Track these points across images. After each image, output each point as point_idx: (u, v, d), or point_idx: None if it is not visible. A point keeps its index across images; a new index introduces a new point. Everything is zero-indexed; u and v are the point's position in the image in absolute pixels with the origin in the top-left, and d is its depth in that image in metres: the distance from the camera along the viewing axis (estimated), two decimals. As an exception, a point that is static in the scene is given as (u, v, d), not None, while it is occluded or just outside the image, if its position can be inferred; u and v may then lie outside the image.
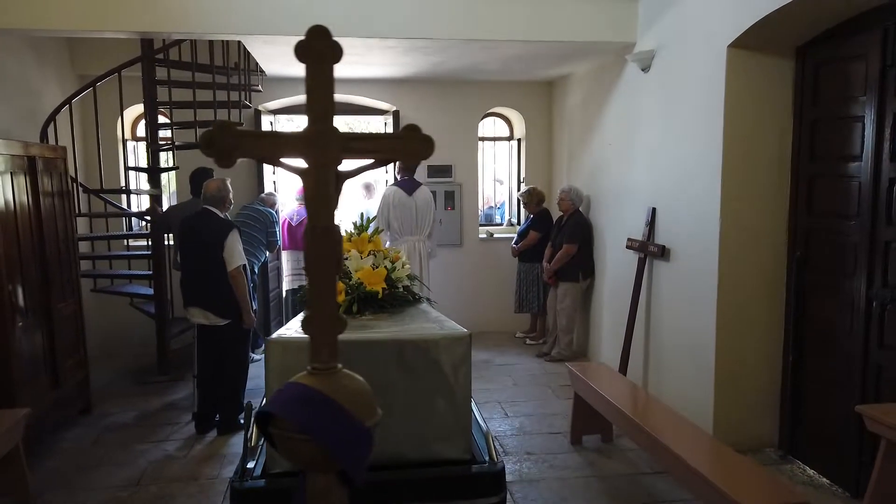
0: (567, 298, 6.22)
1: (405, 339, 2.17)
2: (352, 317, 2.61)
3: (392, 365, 2.16)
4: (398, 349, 2.16)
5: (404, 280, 2.96)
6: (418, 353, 2.17)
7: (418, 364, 2.17)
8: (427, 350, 2.17)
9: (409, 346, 2.16)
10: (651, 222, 4.95)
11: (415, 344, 2.17)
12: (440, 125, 7.07)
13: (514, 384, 5.63)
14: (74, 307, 4.77)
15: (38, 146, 4.34)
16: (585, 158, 6.42)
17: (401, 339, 2.18)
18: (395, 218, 6.21)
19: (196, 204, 5.16)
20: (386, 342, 2.17)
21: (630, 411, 3.76)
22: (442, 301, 7.14)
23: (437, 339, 2.19)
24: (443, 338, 2.19)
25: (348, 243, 3.09)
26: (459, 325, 2.35)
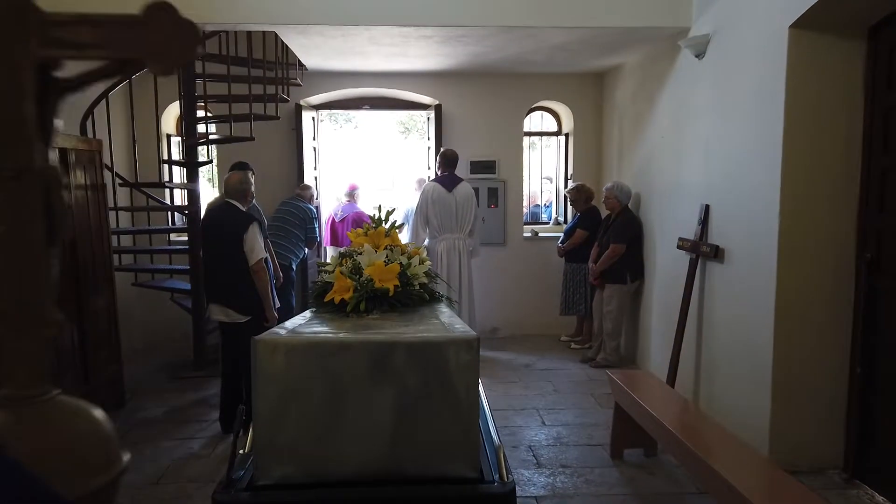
0: (613, 301, 5.88)
1: (400, 342, 1.96)
2: (358, 315, 2.41)
3: (383, 370, 1.94)
4: (389, 352, 1.94)
5: (421, 277, 2.75)
6: (415, 357, 1.95)
7: (415, 370, 1.95)
8: (425, 354, 1.95)
9: (404, 350, 1.94)
10: (704, 220, 4.58)
11: (410, 347, 1.95)
12: (484, 119, 6.86)
13: (554, 390, 5.34)
14: (108, 301, 4.75)
15: (70, 138, 4.32)
16: (636, 153, 6.07)
17: (394, 341, 1.96)
18: (435, 215, 6.01)
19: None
20: (376, 344, 1.95)
21: (674, 427, 3.44)
22: (484, 302, 6.94)
23: (437, 341, 1.96)
24: (445, 341, 1.97)
25: (363, 237, 2.90)
26: (470, 328, 2.11)
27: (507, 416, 4.76)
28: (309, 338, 1.97)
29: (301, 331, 2.08)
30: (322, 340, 1.97)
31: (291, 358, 1.94)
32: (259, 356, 1.94)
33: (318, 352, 1.95)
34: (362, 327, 2.19)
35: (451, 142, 6.82)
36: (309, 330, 2.12)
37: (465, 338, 1.98)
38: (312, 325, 2.23)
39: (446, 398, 1.98)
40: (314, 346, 1.95)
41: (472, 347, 1.97)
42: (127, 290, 6.07)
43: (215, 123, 5.63)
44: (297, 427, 1.96)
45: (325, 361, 1.95)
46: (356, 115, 23.36)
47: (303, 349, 1.94)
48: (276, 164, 6.68)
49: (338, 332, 2.10)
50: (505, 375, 5.72)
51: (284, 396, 1.95)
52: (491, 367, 5.99)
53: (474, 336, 1.99)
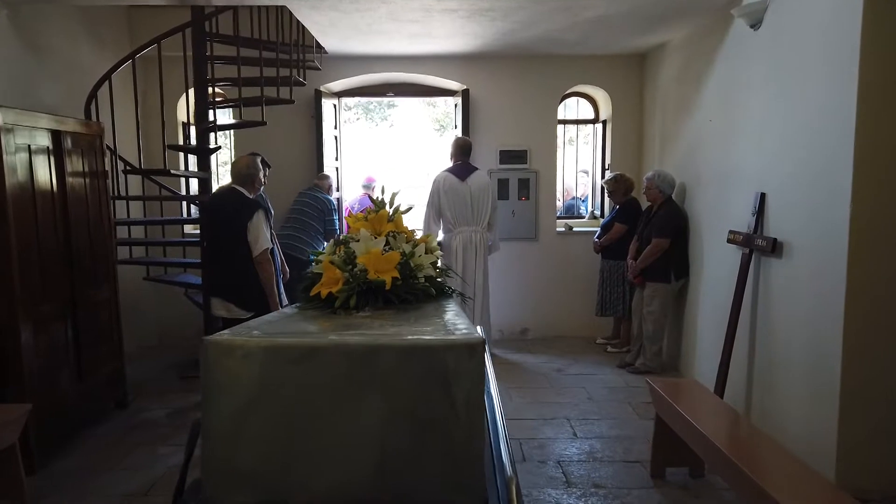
0: (655, 301, 5.38)
1: (384, 345, 1.55)
2: (346, 313, 2.01)
3: (363, 379, 1.54)
4: (371, 357, 1.54)
5: (427, 269, 2.34)
6: (402, 363, 1.54)
7: (402, 379, 1.54)
8: (415, 360, 1.54)
9: (389, 354, 1.54)
10: (759, 211, 4.07)
11: (397, 351, 1.54)
12: (515, 106, 6.43)
13: (588, 398, 4.87)
14: (109, 295, 4.46)
15: (66, 120, 4.03)
16: (680, 140, 5.55)
17: (377, 343, 1.55)
18: (448, 207, 5.61)
19: None
20: (354, 347, 1.55)
21: (724, 444, 2.97)
22: (513, 301, 6.49)
23: (430, 345, 1.55)
24: (440, 344, 1.55)
25: (362, 222, 2.51)
26: (475, 330, 1.69)
27: (536, 426, 4.32)
28: (271, 340, 1.58)
29: (267, 330, 1.69)
30: (287, 343, 1.58)
31: (249, 363, 1.55)
32: (209, 361, 1.56)
33: (283, 356, 1.56)
34: (345, 327, 1.79)
35: (480, 130, 6.39)
36: (277, 330, 1.73)
37: (465, 341, 1.57)
38: (284, 323, 1.84)
39: (443, 415, 1.57)
40: (277, 350, 1.56)
41: (474, 353, 1.56)
42: (141, 284, 5.81)
43: (231, 108, 5.31)
44: (257, 447, 1.57)
45: (292, 368, 1.56)
46: (392, 112, 23.22)
47: (263, 353, 1.55)
48: (296, 153, 6.34)
49: (311, 333, 1.71)
50: (534, 381, 5.28)
51: (241, 410, 1.56)
52: (519, 371, 5.55)
53: (478, 339, 1.57)
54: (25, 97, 4.35)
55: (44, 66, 4.76)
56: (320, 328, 1.79)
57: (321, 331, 1.75)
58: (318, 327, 1.80)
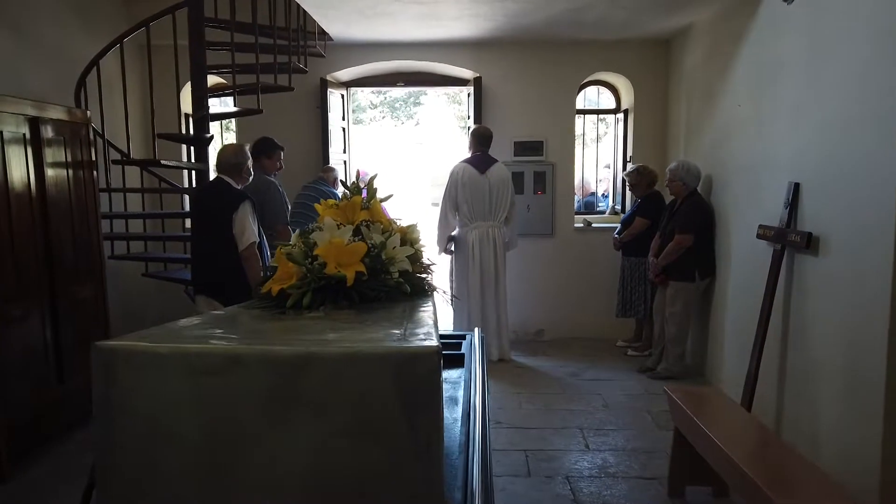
0: (678, 302, 5.00)
1: (317, 355, 1.24)
2: (296, 313, 1.72)
3: (292, 396, 1.24)
4: (301, 370, 1.24)
5: (401, 262, 2.04)
6: (339, 377, 1.24)
7: (340, 397, 1.24)
8: (355, 373, 1.24)
9: (322, 366, 1.24)
10: (792, 203, 3.69)
11: (332, 362, 1.24)
12: (530, 95, 6.09)
13: (604, 405, 4.52)
14: (95, 292, 4.24)
15: (45, 106, 3.82)
16: (706, 129, 5.16)
17: (309, 353, 1.24)
18: (465, 200, 5.31)
19: (260, 178, 4.55)
20: (282, 357, 1.25)
21: (750, 465, 2.62)
22: (528, 300, 6.15)
23: (372, 355, 1.24)
24: (385, 354, 1.25)
25: (331, 209, 2.21)
26: (433, 337, 1.37)
27: (545, 435, 3.99)
28: (176, 347, 1.28)
29: (180, 335, 1.41)
30: (198, 351, 1.28)
31: (148, 377, 1.26)
32: (99, 373, 1.27)
33: (191, 368, 1.26)
34: (282, 331, 1.50)
35: (493, 120, 6.07)
36: (193, 334, 1.44)
37: (416, 350, 1.26)
38: (210, 325, 1.55)
39: (391, 440, 1.26)
40: (183, 360, 1.27)
41: (428, 364, 1.25)
42: (140, 281, 5.62)
43: (231, 97, 5.06)
44: (161, 481, 1.28)
45: (203, 383, 1.26)
46: (417, 111, 22.97)
47: (164, 364, 1.26)
48: (302, 145, 6.08)
49: (232, 339, 1.41)
50: (547, 385, 4.94)
51: (141, 436, 1.27)
52: (531, 375, 5.21)
53: (433, 348, 1.26)
54: (9, 84, 4.16)
55: (31, 53, 4.57)
56: (250, 332, 1.50)
57: (248, 335, 1.46)
58: (247, 331, 1.51)
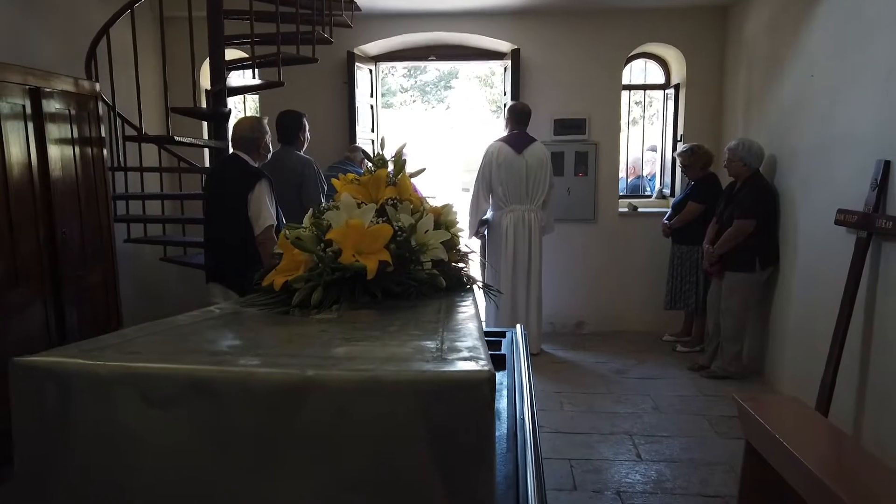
0: (736, 294, 4.54)
1: (318, 382, 0.87)
2: (301, 314, 1.34)
3: (286, 440, 0.88)
4: (296, 403, 0.87)
5: (435, 250, 1.66)
6: (351, 415, 0.87)
7: (353, 442, 0.87)
8: (372, 411, 0.87)
9: (326, 399, 0.87)
10: (881, 184, 3.21)
11: (339, 394, 0.87)
12: (572, 69, 5.64)
13: (654, 408, 4.11)
14: (105, 277, 3.96)
15: (48, 76, 3.51)
16: (771, 103, 4.66)
17: (307, 379, 0.87)
18: (500, 181, 4.91)
19: (288, 154, 4.22)
20: (269, 385, 0.88)
21: (841, 486, 2.19)
22: (567, 290, 5.73)
23: (397, 384, 0.87)
24: (416, 383, 0.87)
25: (351, 185, 1.84)
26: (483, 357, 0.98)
27: (590, 443, 3.60)
28: (120, 367, 0.92)
29: (141, 345, 1.05)
30: (150, 372, 0.92)
31: (83, 407, 0.91)
32: (17, 400, 0.92)
33: (142, 396, 0.90)
34: (280, 342, 1.12)
35: (532, 96, 5.63)
36: (159, 348, 1.07)
37: (459, 377, 0.88)
38: (185, 332, 1.18)
39: (421, 491, 0.89)
40: (131, 384, 0.91)
41: (476, 397, 0.87)
42: (159, 266, 5.35)
43: (251, 69, 4.72)
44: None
45: (157, 417, 0.90)
46: (448, 94, 22.49)
47: (104, 389, 0.90)
48: (328, 123, 5.72)
49: (212, 353, 1.04)
50: (590, 384, 4.53)
51: (73, 491, 0.92)
52: (572, 372, 4.81)
53: (483, 374, 0.88)
54: (16, 55, 3.86)
55: (41, 22, 4.27)
56: (234, 343, 1.13)
57: (232, 348, 1.09)
58: (232, 341, 1.15)
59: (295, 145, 4.31)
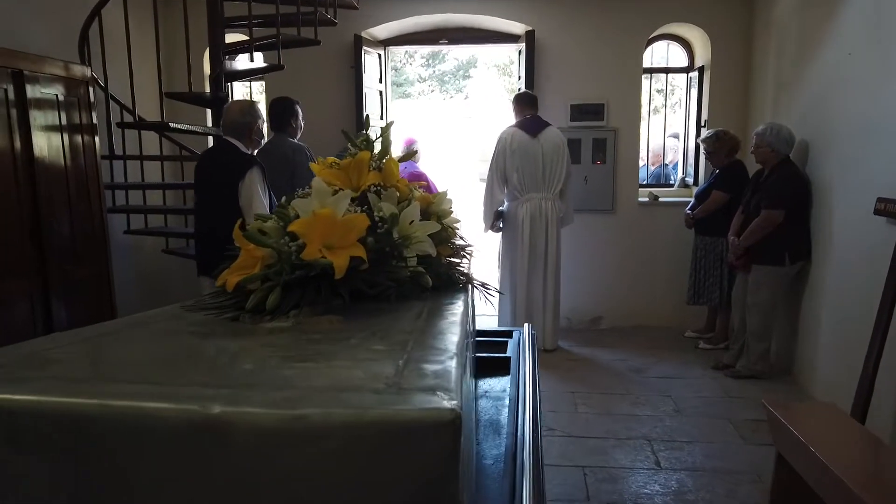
0: (763, 289, 4.27)
1: (206, 421, 0.66)
2: (252, 321, 1.13)
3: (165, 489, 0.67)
4: (208, 446, 0.66)
5: (420, 244, 1.44)
6: (256, 464, 0.65)
7: (258, 498, 0.65)
8: (281, 459, 0.66)
9: (243, 441, 0.66)
10: (928, 170, 2.92)
11: (240, 434, 0.66)
12: (590, 51, 5.37)
13: (675, 410, 3.86)
14: (98, 271, 3.80)
15: (31, 58, 3.34)
16: (802, 86, 4.36)
17: (220, 415, 0.66)
18: (515, 167, 4.67)
19: (281, 141, 4.03)
20: (169, 422, 0.67)
21: (875, 500, 1.95)
22: (584, 283, 5.47)
23: (316, 426, 0.65)
24: (345, 423, 0.65)
25: (329, 170, 1.62)
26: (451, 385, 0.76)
27: (606, 448, 3.37)
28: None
29: (25, 368, 0.84)
30: (20, 407, 0.71)
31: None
32: None
33: (10, 435, 0.70)
34: (204, 362, 0.91)
35: (548, 80, 5.38)
36: (53, 370, 0.86)
37: (413, 417, 0.66)
38: (108, 342, 0.97)
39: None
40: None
41: (435, 445, 0.65)
42: (162, 259, 5.19)
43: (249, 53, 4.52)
44: None
45: (29, 463, 0.69)
46: (467, 84, 22.19)
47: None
48: (335, 109, 5.52)
49: (111, 378, 0.83)
50: (606, 384, 4.30)
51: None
52: (588, 370, 4.57)
53: (445, 413, 0.66)
54: (8, 40, 3.69)
55: (35, 5, 4.10)
56: (146, 363, 0.92)
57: (140, 372, 0.88)
58: (145, 360, 0.93)
59: (287, 132, 4.12)
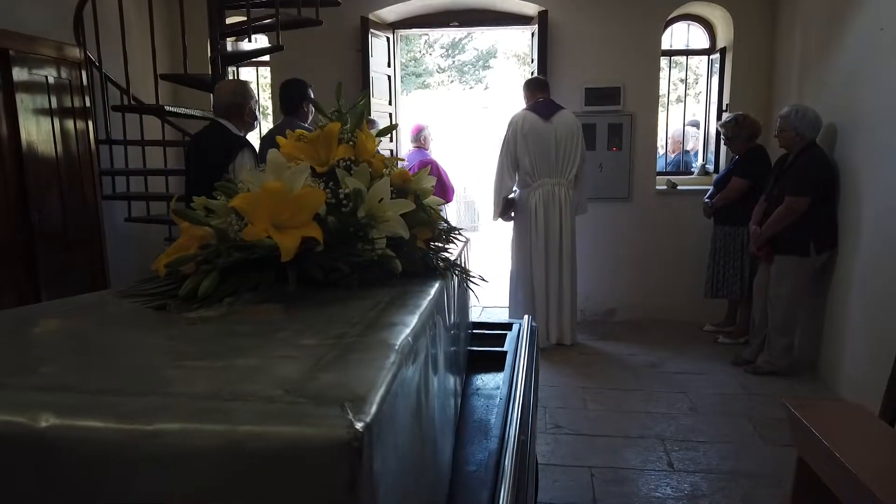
0: (786, 281, 4.05)
1: (41, 435, 0.51)
2: (179, 310, 0.98)
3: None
4: (30, 464, 0.51)
5: (388, 225, 1.28)
6: (88, 491, 0.49)
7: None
8: (138, 485, 0.49)
9: (51, 460, 0.50)
10: (968, 151, 2.69)
11: (71, 453, 0.51)
12: (606, 32, 5.17)
13: (691, 408, 3.67)
14: (92, 260, 3.70)
15: (19, 38, 3.22)
16: (830, 67, 4.11)
17: (20, 430, 0.51)
18: (527, 151, 4.47)
19: (290, 126, 3.89)
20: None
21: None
22: (598, 275, 5.26)
23: (166, 447, 0.50)
24: (196, 449, 0.50)
25: (297, 145, 1.46)
26: (369, 400, 0.60)
27: (616, 447, 3.19)
28: None
29: None
30: None
31: None
32: None
33: None
34: (68, 362, 0.75)
35: (561, 64, 5.18)
36: None
37: (295, 442, 0.50)
38: (8, 330, 0.83)
39: None
40: None
41: (330, 468, 0.49)
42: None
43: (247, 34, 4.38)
44: None
45: None
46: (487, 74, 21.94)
47: None
48: (345, 95, 5.35)
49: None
50: (619, 379, 4.11)
51: None
52: (600, 364, 4.39)
53: (341, 438, 0.50)
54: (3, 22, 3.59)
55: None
56: (23, 362, 0.77)
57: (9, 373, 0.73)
58: (24, 358, 0.78)
59: (299, 116, 3.97)
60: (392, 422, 0.62)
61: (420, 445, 0.86)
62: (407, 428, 0.75)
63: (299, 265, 1.10)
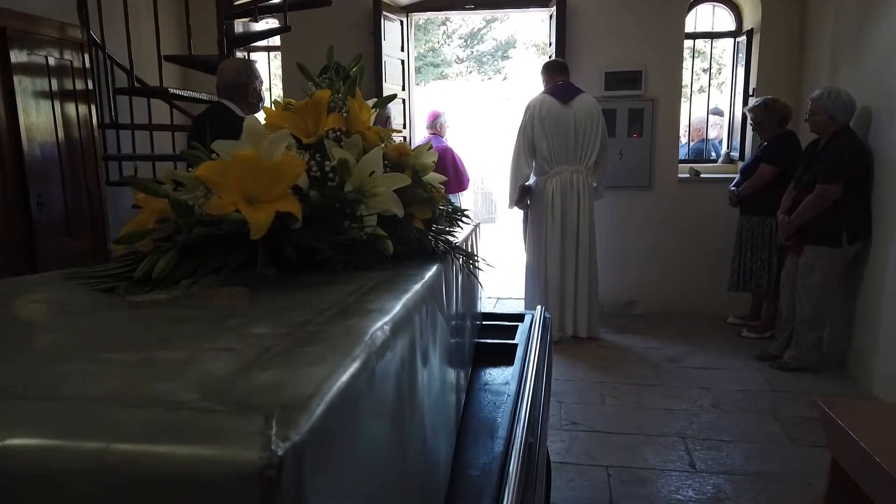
0: (817, 272, 3.85)
1: None
2: (130, 293, 0.85)
3: None
4: None
5: (379, 200, 1.14)
6: None
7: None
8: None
9: None
10: None
11: None
12: (627, 14, 4.98)
13: (713, 405, 3.50)
14: (94, 247, 3.61)
15: (17, 16, 3.12)
16: (865, 48, 3.90)
17: None
18: (545, 136, 4.31)
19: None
20: None
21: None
22: (618, 266, 5.08)
23: (46, 470, 0.37)
24: (76, 472, 0.36)
25: (282, 114, 1.33)
26: (308, 410, 0.46)
27: (634, 446, 3.03)
28: None
29: None
30: None
31: None
32: None
33: None
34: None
35: (580, 47, 4.99)
36: None
37: (199, 459, 0.36)
38: None
39: None
40: None
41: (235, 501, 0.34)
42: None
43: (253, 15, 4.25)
44: None
45: None
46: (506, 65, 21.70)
47: None
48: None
49: None
50: (638, 374, 3.95)
51: None
52: (619, 358, 4.23)
53: (254, 460, 0.36)
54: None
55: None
56: None
57: None
58: None
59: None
60: (346, 432, 0.48)
61: (401, 452, 0.73)
62: (379, 434, 0.62)
63: (273, 244, 0.96)
